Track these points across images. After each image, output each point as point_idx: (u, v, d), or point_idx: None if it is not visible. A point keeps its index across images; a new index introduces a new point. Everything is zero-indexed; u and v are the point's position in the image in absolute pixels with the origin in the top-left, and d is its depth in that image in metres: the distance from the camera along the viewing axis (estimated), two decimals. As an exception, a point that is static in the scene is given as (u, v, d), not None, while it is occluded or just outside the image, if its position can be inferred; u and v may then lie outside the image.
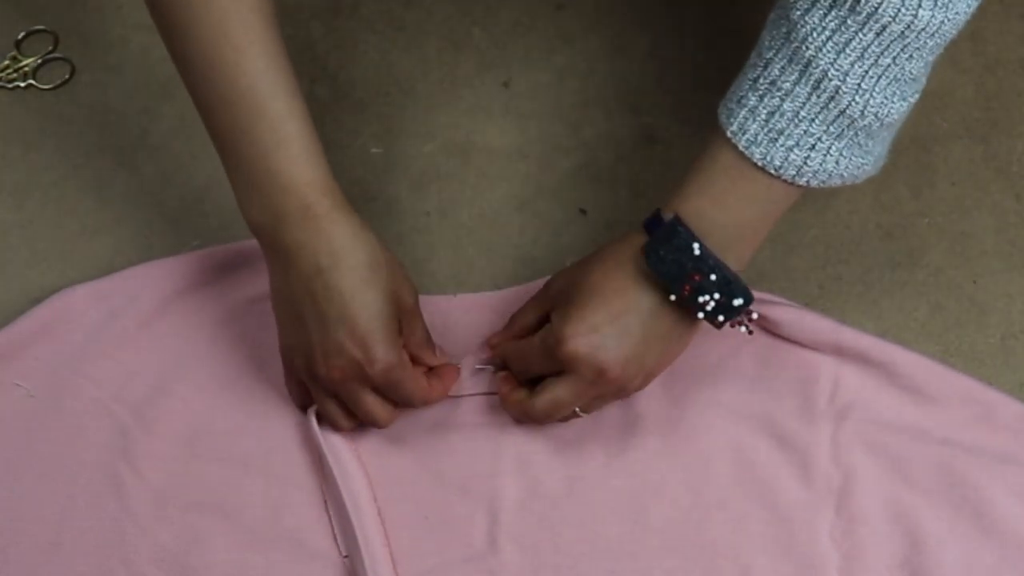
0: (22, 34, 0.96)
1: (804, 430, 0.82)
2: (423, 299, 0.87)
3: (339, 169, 0.92)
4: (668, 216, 0.74)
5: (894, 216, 0.89)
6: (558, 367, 0.77)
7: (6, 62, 0.95)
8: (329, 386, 0.77)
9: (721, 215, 0.73)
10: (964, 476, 0.80)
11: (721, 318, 0.75)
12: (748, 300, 0.74)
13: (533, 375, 0.80)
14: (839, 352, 0.83)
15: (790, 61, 0.70)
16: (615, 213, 0.90)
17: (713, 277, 0.73)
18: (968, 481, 0.80)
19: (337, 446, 0.80)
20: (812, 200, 0.90)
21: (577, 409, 0.78)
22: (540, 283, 0.86)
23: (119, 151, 0.94)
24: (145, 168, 0.93)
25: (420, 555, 0.80)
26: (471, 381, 0.84)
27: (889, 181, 0.89)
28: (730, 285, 0.73)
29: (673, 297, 0.74)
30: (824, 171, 0.71)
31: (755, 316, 0.76)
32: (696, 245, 0.73)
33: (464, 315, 0.87)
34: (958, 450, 0.81)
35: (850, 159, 0.72)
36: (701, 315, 0.74)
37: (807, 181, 0.72)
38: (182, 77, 0.77)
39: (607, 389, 0.77)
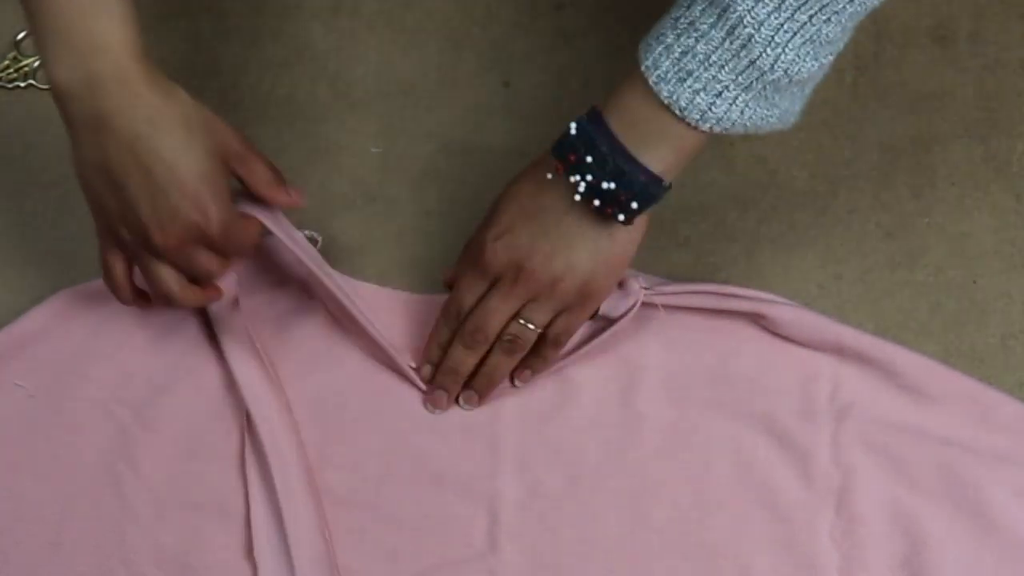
0: (22, 34, 0.96)
1: (804, 430, 0.82)
2: (422, 297, 0.87)
3: (339, 169, 0.92)
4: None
5: (894, 216, 0.89)
6: (490, 279, 0.79)
7: (6, 62, 0.95)
8: (165, 253, 0.75)
9: (637, 108, 0.73)
10: (964, 476, 0.80)
11: (597, 202, 0.74)
12: (628, 188, 0.73)
13: (477, 298, 0.80)
14: (839, 352, 0.83)
15: (711, 3, 0.69)
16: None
17: (589, 159, 0.73)
18: (968, 481, 0.80)
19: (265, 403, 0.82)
20: (812, 200, 0.90)
21: (526, 322, 0.79)
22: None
23: (119, 151, 0.93)
24: (145, 168, 0.93)
25: (420, 555, 0.80)
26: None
27: (889, 181, 0.89)
28: (605, 167, 0.73)
29: (549, 176, 0.76)
30: (728, 119, 0.71)
31: (634, 206, 0.74)
32: (573, 125, 0.74)
33: (464, 315, 0.87)
34: (958, 450, 0.81)
35: (755, 110, 0.71)
36: (577, 197, 0.75)
37: (710, 127, 0.71)
38: None
39: (536, 288, 0.78)
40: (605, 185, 0.73)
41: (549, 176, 0.76)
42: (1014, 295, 0.87)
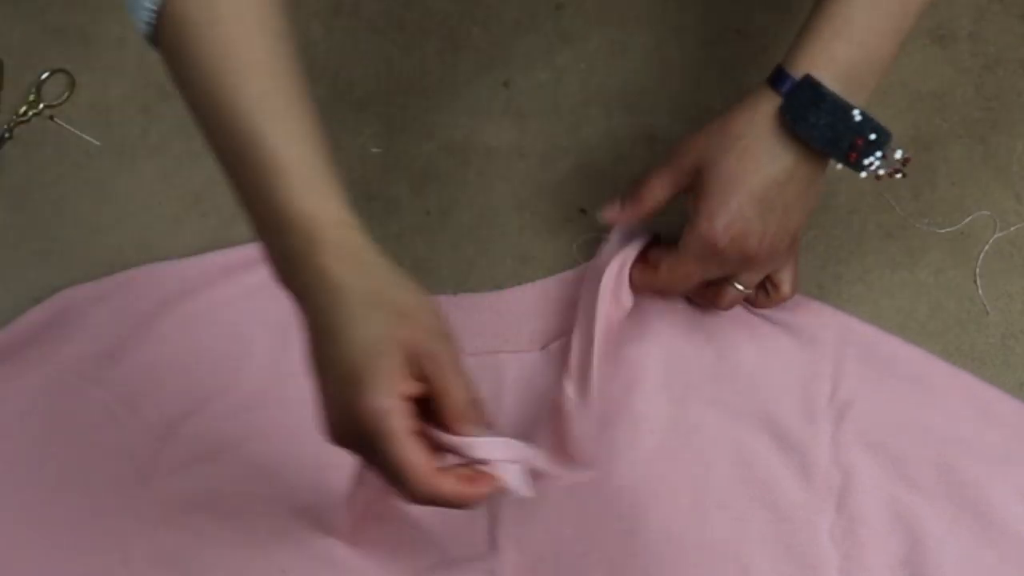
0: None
1: (804, 430, 0.82)
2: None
3: (339, 169, 0.92)
4: (797, 73, 0.74)
5: (894, 216, 0.89)
6: (716, 269, 0.78)
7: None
8: (341, 446, 0.64)
9: (856, 53, 0.73)
10: (964, 475, 0.80)
11: (882, 172, 0.75)
12: (901, 149, 0.75)
13: (693, 286, 0.81)
14: (841, 341, 0.83)
15: None
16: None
17: (873, 137, 0.73)
18: (968, 480, 0.80)
19: None
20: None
21: (739, 286, 0.80)
22: (540, 284, 0.87)
23: (119, 151, 0.93)
24: (145, 168, 0.93)
25: (420, 555, 0.80)
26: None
27: (889, 181, 0.89)
28: (886, 137, 0.74)
29: (840, 166, 0.75)
30: None
31: (907, 156, 0.75)
32: (856, 112, 0.73)
33: (464, 315, 0.87)
34: (958, 449, 0.81)
35: None
36: (864, 175, 0.75)
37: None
38: (190, 111, 0.68)
39: (764, 265, 0.79)
40: (897, 154, 0.75)
41: (839, 167, 0.75)
42: (1014, 295, 0.87)
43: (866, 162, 0.74)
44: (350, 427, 0.62)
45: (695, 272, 0.79)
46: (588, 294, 0.82)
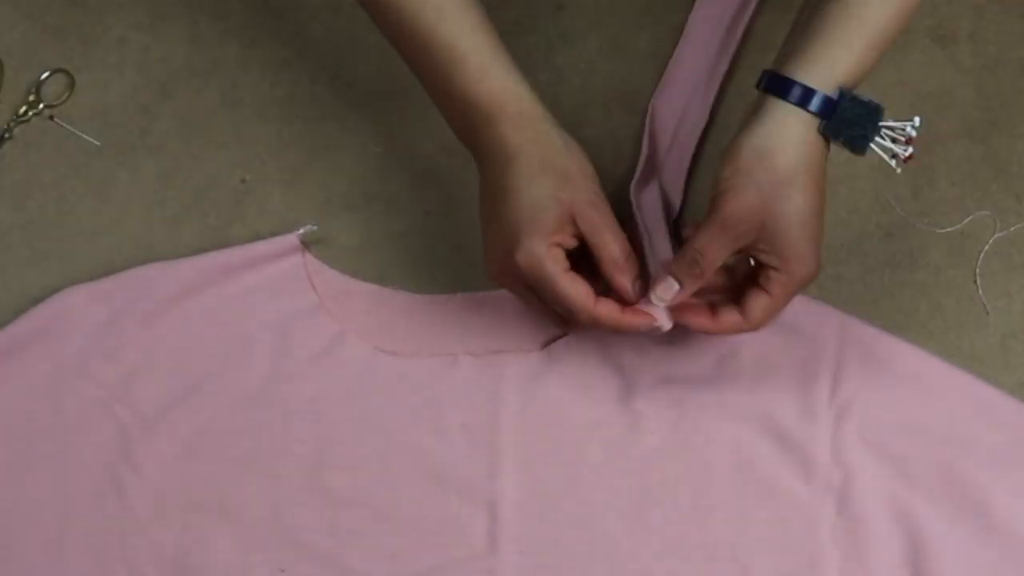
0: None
1: (804, 430, 0.82)
2: (423, 299, 0.87)
3: (339, 169, 0.92)
4: (821, 85, 0.73)
5: (894, 216, 0.89)
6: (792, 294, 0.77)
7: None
8: (500, 284, 0.79)
9: (857, 59, 0.74)
10: (964, 475, 0.80)
11: (907, 152, 0.76)
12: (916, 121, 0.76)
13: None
14: (841, 341, 0.83)
15: None
16: (615, 213, 0.90)
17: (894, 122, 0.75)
18: (968, 480, 0.80)
19: None
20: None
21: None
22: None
23: (119, 151, 0.93)
24: (145, 168, 0.93)
25: (420, 555, 0.80)
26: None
27: (889, 181, 0.89)
28: (889, 129, 0.75)
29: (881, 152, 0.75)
30: None
31: (914, 134, 0.76)
32: (882, 109, 0.74)
33: (464, 315, 0.87)
34: (958, 449, 0.81)
35: None
36: (894, 162, 0.76)
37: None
38: (382, 29, 0.81)
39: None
40: (912, 128, 0.76)
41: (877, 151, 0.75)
42: (1014, 295, 0.87)
43: (897, 149, 0.75)
44: (512, 270, 0.76)
45: (779, 310, 0.77)
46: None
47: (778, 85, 0.74)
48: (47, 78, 0.95)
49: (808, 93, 0.73)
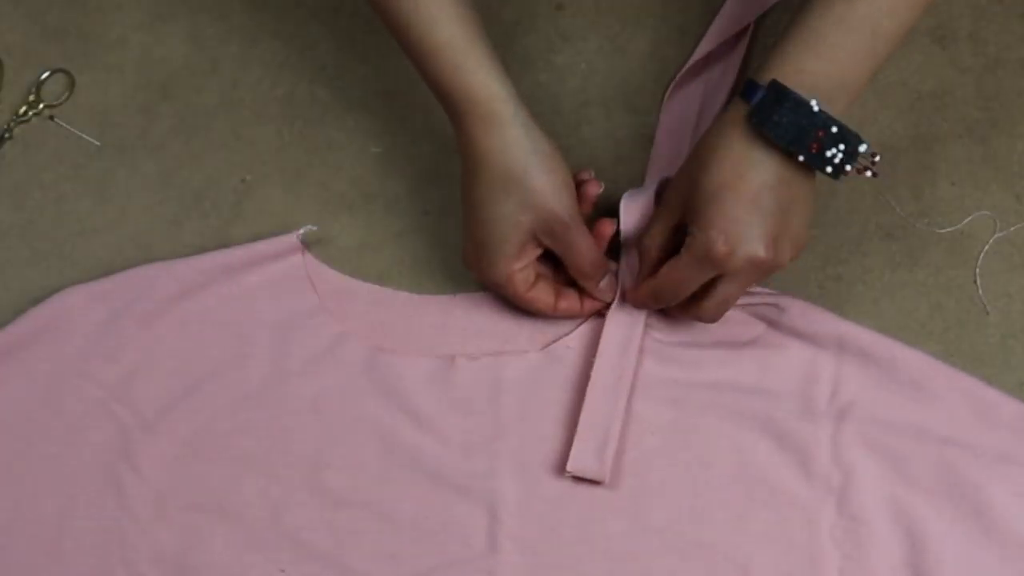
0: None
1: (804, 430, 0.82)
2: (423, 299, 0.87)
3: (339, 169, 0.92)
4: (764, 81, 0.74)
5: (894, 216, 0.89)
6: (714, 273, 0.76)
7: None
8: (479, 282, 0.85)
9: (826, 67, 0.74)
10: (964, 475, 0.80)
11: (848, 167, 0.74)
12: (867, 144, 0.75)
13: (689, 293, 0.79)
14: (839, 346, 0.83)
15: None
16: (610, 213, 0.90)
17: (834, 130, 0.73)
18: (968, 480, 0.80)
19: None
20: (812, 200, 0.90)
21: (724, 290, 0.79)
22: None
23: (119, 151, 0.93)
24: (145, 168, 0.93)
25: (420, 555, 0.80)
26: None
27: (889, 181, 0.89)
28: (848, 133, 0.74)
29: (801, 158, 0.74)
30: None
31: (877, 158, 0.75)
32: (814, 101, 0.73)
33: (464, 315, 0.87)
34: (958, 449, 0.81)
35: None
36: (829, 169, 0.74)
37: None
38: (382, 19, 0.81)
39: (763, 270, 0.76)
40: (861, 148, 0.74)
41: (801, 158, 0.74)
42: (1014, 295, 0.87)
43: (828, 154, 0.73)
44: (484, 277, 0.83)
45: (692, 279, 0.78)
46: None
47: (744, 87, 0.76)
48: (47, 78, 0.95)
49: (750, 86, 0.75)
